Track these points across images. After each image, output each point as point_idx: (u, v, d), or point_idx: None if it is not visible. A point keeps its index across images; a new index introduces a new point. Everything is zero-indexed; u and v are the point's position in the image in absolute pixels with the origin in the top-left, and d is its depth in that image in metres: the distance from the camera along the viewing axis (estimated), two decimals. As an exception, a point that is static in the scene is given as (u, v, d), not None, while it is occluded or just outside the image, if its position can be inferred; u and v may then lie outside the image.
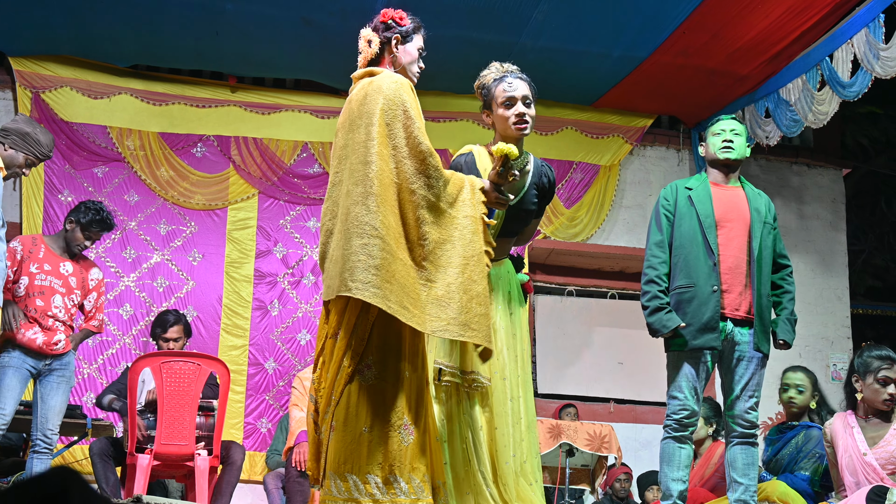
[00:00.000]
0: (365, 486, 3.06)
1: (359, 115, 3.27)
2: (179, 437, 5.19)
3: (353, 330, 3.13)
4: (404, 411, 3.12)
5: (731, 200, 4.28)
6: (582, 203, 8.31)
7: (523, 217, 3.77)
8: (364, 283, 3.00)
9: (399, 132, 3.20)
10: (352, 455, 3.08)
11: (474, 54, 7.40)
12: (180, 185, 7.68)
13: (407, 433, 3.11)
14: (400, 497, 3.06)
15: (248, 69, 7.93)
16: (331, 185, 3.33)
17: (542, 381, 8.18)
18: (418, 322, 3.07)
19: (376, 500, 3.04)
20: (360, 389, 3.11)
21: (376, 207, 3.09)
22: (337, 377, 3.14)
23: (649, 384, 8.05)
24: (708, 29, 6.72)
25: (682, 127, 8.66)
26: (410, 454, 3.10)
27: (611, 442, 6.35)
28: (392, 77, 3.30)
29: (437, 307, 3.12)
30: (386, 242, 3.06)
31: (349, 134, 3.29)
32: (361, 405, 3.10)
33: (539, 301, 8.37)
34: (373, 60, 3.42)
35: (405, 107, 3.23)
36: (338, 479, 3.07)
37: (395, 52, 3.43)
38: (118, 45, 7.43)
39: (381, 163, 3.15)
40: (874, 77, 5.94)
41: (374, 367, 3.12)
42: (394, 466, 3.07)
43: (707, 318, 4.11)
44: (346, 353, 3.13)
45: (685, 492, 4.16)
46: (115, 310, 7.44)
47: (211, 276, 7.64)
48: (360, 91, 3.33)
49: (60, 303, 5.17)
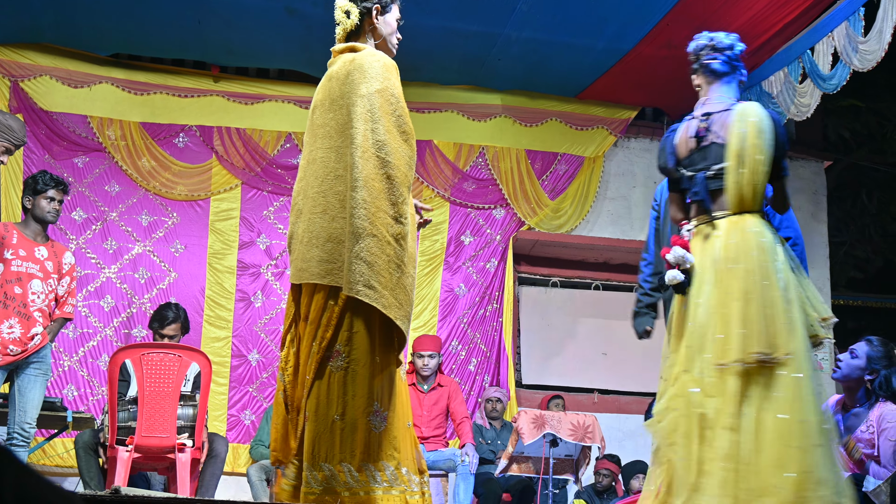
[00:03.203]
0: (339, 476, 3.03)
1: (340, 94, 3.22)
2: (160, 429, 5.16)
3: (321, 313, 3.11)
4: (375, 397, 3.09)
5: None
6: (566, 194, 8.31)
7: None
8: (363, 284, 3.00)
9: (385, 113, 3.16)
10: (325, 444, 3.05)
11: (459, 45, 7.42)
12: (162, 175, 7.62)
13: (379, 420, 3.09)
14: (373, 485, 3.03)
15: (232, 59, 7.88)
16: (305, 162, 3.28)
17: (526, 372, 8.20)
18: (385, 304, 3.04)
19: (351, 490, 3.01)
20: (331, 377, 3.08)
21: (365, 194, 3.07)
22: (308, 360, 3.12)
23: (633, 375, 8.09)
24: (691, 21, 6.71)
25: (666, 119, 8.66)
26: (383, 441, 3.08)
27: (594, 432, 6.35)
28: (376, 56, 3.24)
29: (404, 294, 3.10)
30: (376, 237, 3.04)
31: (328, 113, 3.24)
32: (332, 393, 3.07)
33: (523, 292, 8.38)
34: (352, 32, 3.36)
35: (391, 89, 3.19)
36: (314, 469, 3.05)
37: (375, 22, 3.36)
38: (99, 33, 7.36)
39: (365, 143, 3.11)
40: (853, 70, 5.96)
41: (344, 353, 3.09)
42: (366, 454, 3.05)
43: None
44: (315, 336, 3.11)
45: None
46: (96, 301, 7.40)
47: (193, 268, 7.60)
48: (341, 68, 3.27)
49: (39, 288, 5.14)
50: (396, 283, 3.06)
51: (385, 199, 3.09)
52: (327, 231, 3.14)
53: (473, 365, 7.91)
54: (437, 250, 8.01)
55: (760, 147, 3.42)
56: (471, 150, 8.19)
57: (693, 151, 3.56)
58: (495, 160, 8.19)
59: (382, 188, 3.09)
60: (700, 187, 3.49)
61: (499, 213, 8.19)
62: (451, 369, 7.82)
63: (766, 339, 3.25)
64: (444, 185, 8.06)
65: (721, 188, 3.47)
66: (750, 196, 3.44)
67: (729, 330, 3.30)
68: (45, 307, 5.19)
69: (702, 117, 3.60)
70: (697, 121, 3.60)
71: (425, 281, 7.95)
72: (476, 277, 8.04)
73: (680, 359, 3.41)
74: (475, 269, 8.06)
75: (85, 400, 7.18)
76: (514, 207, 8.14)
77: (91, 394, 7.22)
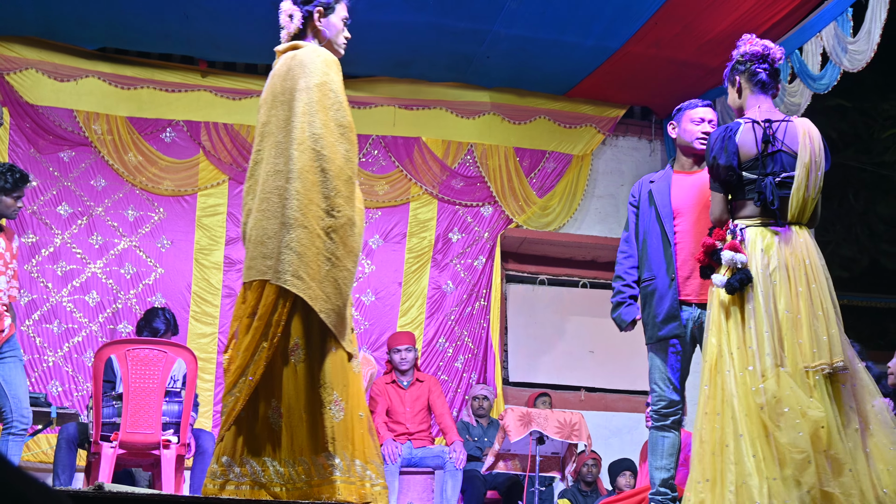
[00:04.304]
0: (305, 468, 3.05)
1: (281, 90, 3.23)
2: (145, 426, 5.14)
3: (272, 310, 3.11)
4: (334, 387, 3.10)
5: (692, 186, 4.30)
6: (554, 192, 8.31)
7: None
8: (291, 274, 3.03)
9: (322, 107, 3.16)
10: (294, 439, 3.07)
11: (447, 42, 7.40)
12: (149, 170, 7.58)
13: (338, 409, 3.10)
14: (336, 474, 3.05)
15: (219, 54, 7.85)
16: (252, 163, 3.30)
17: (513, 370, 8.20)
18: (311, 296, 3.04)
19: (312, 484, 3.03)
20: (294, 371, 3.10)
21: (299, 186, 3.07)
22: (254, 357, 3.12)
23: (620, 372, 8.10)
24: (679, 20, 6.73)
25: (654, 118, 8.68)
26: (343, 431, 3.10)
27: (581, 430, 6.36)
28: (316, 51, 3.25)
29: (333, 287, 3.09)
30: (307, 228, 3.05)
31: (271, 110, 3.25)
32: (299, 387, 3.10)
33: (511, 290, 8.38)
34: (297, 35, 3.37)
35: (330, 84, 3.19)
36: (295, 465, 3.06)
37: (317, 25, 3.38)
38: (86, 27, 7.31)
39: (302, 136, 3.12)
40: (842, 70, 5.97)
41: (302, 346, 3.11)
42: (328, 444, 3.06)
43: (667, 307, 4.18)
44: (266, 334, 3.11)
45: (670, 479, 4.21)
46: (82, 297, 7.35)
47: (180, 263, 7.57)
48: (282, 65, 3.29)
49: (4, 284, 5.06)
50: (325, 275, 3.07)
51: (318, 191, 3.10)
52: (274, 229, 3.16)
53: (460, 362, 7.90)
54: (425, 247, 8.00)
55: (822, 164, 3.63)
56: (459, 148, 8.18)
57: (761, 156, 3.64)
58: (483, 158, 8.18)
59: (316, 181, 3.10)
60: (768, 191, 3.59)
61: (487, 211, 8.18)
62: (438, 366, 7.82)
63: (839, 346, 3.46)
64: (433, 183, 8.05)
65: (787, 196, 3.61)
66: (811, 208, 3.64)
67: (813, 335, 3.46)
68: (7, 301, 5.09)
69: (765, 123, 3.67)
70: (761, 126, 3.65)
71: (413, 278, 7.94)
72: (464, 275, 8.03)
73: (769, 351, 3.48)
74: (463, 266, 8.05)
75: (69, 396, 7.14)
76: (502, 205, 8.14)
77: (76, 389, 7.18)
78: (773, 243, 3.58)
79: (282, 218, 3.10)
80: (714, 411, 3.51)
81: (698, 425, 3.60)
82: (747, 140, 3.67)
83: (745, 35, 3.91)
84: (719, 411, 3.49)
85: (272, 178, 3.17)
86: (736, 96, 3.85)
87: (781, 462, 3.32)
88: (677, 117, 4.43)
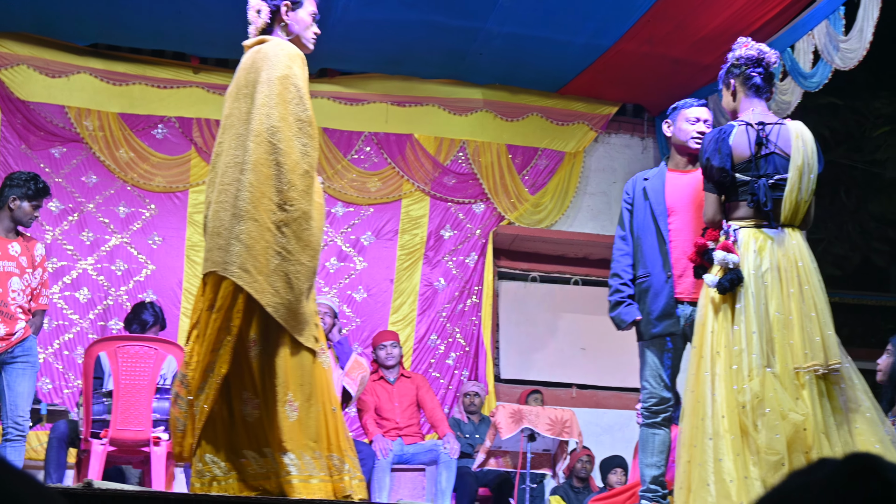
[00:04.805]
0: (263, 461, 3.06)
1: (244, 83, 3.24)
2: (135, 423, 5.13)
3: (230, 303, 3.11)
4: (288, 386, 3.10)
5: (687, 185, 4.30)
6: (546, 189, 8.31)
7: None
8: (239, 266, 3.03)
9: (282, 100, 3.16)
10: (250, 435, 3.07)
11: (440, 39, 7.40)
12: (140, 166, 7.56)
13: (291, 409, 3.10)
14: (293, 472, 3.05)
15: (212, 50, 7.82)
16: (214, 155, 3.31)
17: (505, 367, 8.20)
18: (257, 289, 3.04)
19: (275, 479, 3.04)
20: (249, 367, 3.10)
21: (252, 178, 3.06)
22: (219, 352, 3.11)
23: (611, 370, 8.10)
24: (672, 18, 6.73)
25: (647, 115, 8.68)
26: (297, 430, 3.09)
27: (572, 427, 6.36)
28: (281, 45, 3.26)
29: (283, 282, 3.09)
30: (257, 221, 3.05)
31: (234, 103, 3.26)
32: (256, 383, 3.10)
33: (503, 287, 8.38)
34: (264, 30, 3.38)
35: (292, 77, 3.19)
36: (260, 457, 3.06)
37: (285, 19, 3.38)
38: (78, 23, 7.28)
39: (259, 128, 3.12)
40: (834, 69, 5.98)
41: (259, 341, 3.10)
42: (283, 442, 3.07)
43: (663, 305, 4.19)
44: (224, 326, 3.10)
45: (660, 476, 4.22)
46: (72, 293, 7.33)
47: (171, 260, 7.55)
48: (248, 59, 3.30)
49: (18, 285, 5.08)
50: (274, 269, 3.07)
51: (271, 185, 3.10)
52: (229, 221, 3.17)
53: (452, 359, 7.90)
54: (417, 244, 8.00)
55: (815, 166, 3.66)
56: (451, 145, 8.18)
57: (754, 158, 3.66)
58: (476, 154, 8.17)
59: (270, 174, 3.10)
60: (761, 193, 3.61)
61: (479, 208, 8.18)
62: (430, 363, 7.82)
63: (835, 348, 3.50)
64: (425, 180, 8.05)
65: (780, 198, 3.63)
66: (804, 210, 3.67)
67: (805, 336, 3.48)
68: (24, 304, 5.13)
69: (758, 126, 3.70)
70: (755, 129, 3.66)
71: (405, 275, 7.93)
72: (455, 272, 8.03)
73: (756, 352, 3.49)
74: (455, 263, 8.05)
75: (59, 393, 7.12)
76: (494, 202, 8.13)
77: (66, 386, 7.16)
78: (766, 245, 3.60)
79: (234, 209, 3.09)
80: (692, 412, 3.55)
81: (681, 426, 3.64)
82: (741, 142, 3.69)
83: (741, 38, 3.94)
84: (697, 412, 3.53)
85: (231, 170, 3.17)
86: (730, 99, 3.88)
87: (757, 462, 3.35)
88: (672, 116, 4.43)
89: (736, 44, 3.91)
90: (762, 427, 3.36)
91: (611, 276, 4.43)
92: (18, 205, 5.11)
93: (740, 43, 3.89)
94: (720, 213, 3.75)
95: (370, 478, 6.00)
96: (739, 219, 3.69)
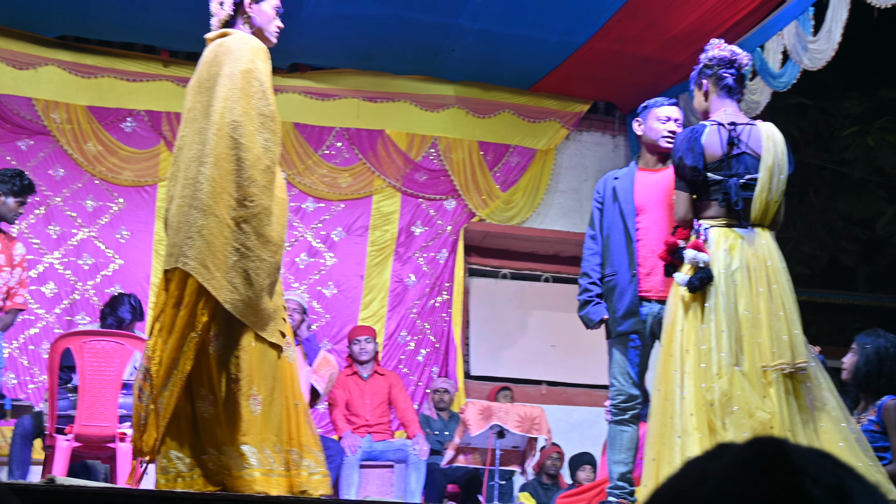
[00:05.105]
0: (220, 458, 3.05)
1: (206, 77, 3.22)
2: (101, 418, 5.07)
3: (196, 299, 3.09)
4: (252, 380, 3.09)
5: (657, 184, 4.33)
6: (518, 186, 8.32)
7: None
8: (198, 262, 3.02)
9: (245, 94, 3.14)
10: (209, 432, 3.06)
11: (412, 35, 7.37)
12: (108, 160, 7.48)
13: (255, 402, 3.09)
14: (254, 465, 3.04)
15: (182, 43, 7.75)
16: (176, 149, 3.29)
17: (475, 364, 8.20)
18: (215, 286, 3.03)
19: (233, 474, 3.03)
20: (212, 361, 3.09)
21: (214, 172, 3.04)
22: (184, 348, 3.09)
23: (581, 367, 8.13)
24: (643, 16, 6.76)
25: (618, 113, 8.71)
26: (260, 424, 3.08)
27: (541, 424, 6.38)
28: (244, 38, 3.24)
29: (241, 278, 3.08)
30: (216, 217, 3.04)
31: (196, 97, 3.24)
32: (216, 377, 3.09)
33: (473, 283, 8.38)
34: (227, 22, 3.36)
35: (255, 72, 3.18)
36: (221, 454, 3.05)
37: (248, 11, 3.36)
38: (46, 14, 7.19)
39: (221, 121, 3.10)
40: (802, 69, 6.03)
41: (221, 336, 3.09)
42: (245, 435, 3.06)
43: (628, 303, 4.22)
44: (190, 323, 3.09)
45: (628, 473, 4.24)
46: (38, 287, 7.25)
47: (139, 254, 7.48)
48: (210, 52, 3.28)
49: None
50: (233, 265, 3.06)
51: (232, 180, 3.08)
52: (191, 215, 3.15)
53: (422, 356, 7.90)
54: (388, 240, 7.98)
55: (785, 167, 3.69)
56: (423, 141, 8.16)
57: (726, 157, 3.69)
58: (447, 151, 8.17)
59: (231, 169, 3.08)
60: (732, 192, 3.63)
61: (450, 204, 8.17)
62: (400, 359, 7.81)
63: (802, 347, 3.52)
64: (396, 176, 8.03)
65: (750, 197, 3.66)
66: (773, 210, 3.68)
67: (773, 335, 3.50)
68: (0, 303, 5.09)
69: (730, 126, 3.72)
70: (727, 129, 3.68)
71: (375, 271, 7.92)
72: (426, 268, 8.02)
73: (725, 350, 3.51)
74: (425, 259, 8.04)
75: (24, 388, 7.04)
76: (466, 199, 8.13)
77: (31, 382, 7.08)
78: (737, 244, 3.62)
79: (194, 203, 3.08)
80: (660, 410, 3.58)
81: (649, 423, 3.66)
82: (713, 142, 3.71)
83: (714, 39, 3.97)
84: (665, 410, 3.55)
85: (194, 165, 3.15)
86: (702, 99, 3.91)
87: None
88: (643, 115, 4.45)
89: (709, 45, 3.94)
90: (730, 425, 3.38)
91: (580, 274, 4.47)
92: (3, 201, 5.09)
93: (713, 44, 3.92)
94: (691, 212, 3.77)
95: (338, 474, 5.98)
96: (710, 218, 3.71)
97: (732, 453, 0.78)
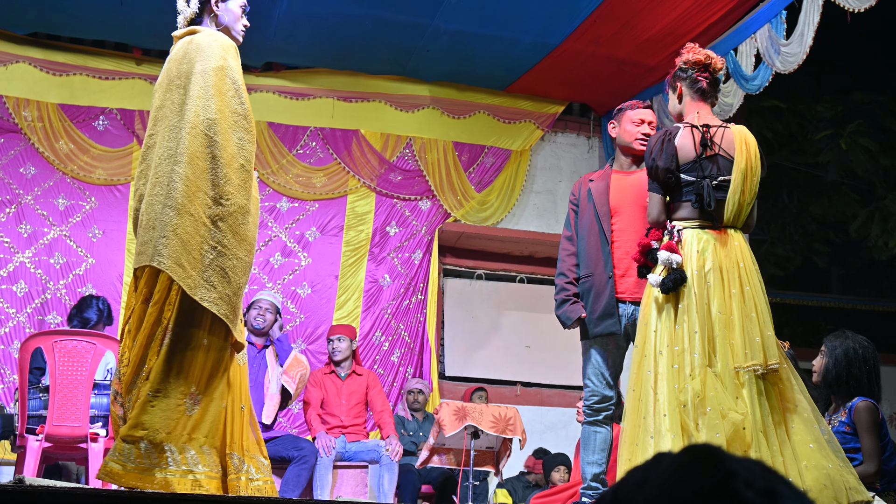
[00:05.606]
0: (139, 451, 3.03)
1: (177, 74, 3.20)
2: (72, 419, 5.03)
3: (165, 296, 3.08)
4: (194, 380, 3.08)
5: (631, 186, 4.35)
6: (493, 187, 8.33)
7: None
8: (173, 261, 3.01)
9: (218, 92, 3.13)
10: (141, 420, 3.04)
11: (387, 35, 7.36)
12: (81, 158, 7.42)
13: (192, 403, 3.07)
14: (171, 467, 3.01)
15: (155, 41, 7.68)
16: (145, 147, 3.27)
17: (450, 365, 8.20)
18: (191, 285, 3.01)
19: (144, 469, 3.00)
20: (159, 356, 3.08)
21: (189, 171, 3.03)
22: (151, 345, 3.08)
23: (556, 368, 8.15)
24: (618, 19, 6.78)
25: (593, 115, 8.74)
26: (192, 424, 3.06)
27: (515, 424, 6.38)
28: (214, 36, 3.23)
29: (219, 276, 3.06)
30: (192, 216, 3.02)
31: (166, 94, 3.22)
32: (158, 371, 3.07)
33: (448, 284, 8.38)
34: (193, 20, 3.35)
35: (227, 69, 3.16)
36: (126, 444, 3.02)
37: (215, 10, 3.35)
38: (16, 10, 7.11)
39: (195, 119, 3.09)
40: (775, 71, 6.08)
41: (172, 332, 3.08)
42: (171, 434, 3.04)
43: (604, 304, 4.23)
44: (158, 319, 3.07)
45: (601, 474, 4.26)
46: (9, 286, 7.17)
47: (112, 253, 7.42)
48: (179, 49, 3.27)
49: None
50: (209, 264, 3.05)
51: (207, 178, 3.07)
52: (163, 213, 3.14)
53: (397, 356, 7.88)
54: (362, 241, 7.96)
55: (758, 170, 3.72)
56: (398, 141, 8.15)
57: (698, 159, 3.72)
58: (422, 151, 8.16)
59: (206, 167, 3.07)
60: (705, 193, 3.67)
61: (425, 205, 8.17)
62: (375, 360, 7.79)
63: (774, 348, 3.54)
64: (371, 176, 8.01)
65: (723, 199, 3.69)
66: (746, 212, 3.72)
67: (745, 336, 3.52)
68: None
69: (703, 127, 3.75)
70: (700, 130, 3.71)
71: (350, 271, 7.89)
72: (401, 269, 8.01)
73: (698, 351, 3.53)
74: (400, 260, 8.02)
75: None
76: (441, 199, 8.13)
77: (2, 381, 7.00)
78: (710, 245, 3.65)
79: (168, 202, 3.05)
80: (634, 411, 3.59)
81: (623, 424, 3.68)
82: (686, 143, 3.74)
83: (689, 44, 3.99)
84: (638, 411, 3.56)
85: (165, 163, 3.13)
86: (676, 102, 3.94)
87: None
88: (618, 117, 4.48)
89: (684, 49, 3.96)
90: (703, 426, 3.40)
91: (557, 275, 4.49)
92: None
93: (688, 48, 3.95)
94: (664, 214, 3.78)
95: (312, 474, 5.95)
96: (683, 219, 3.73)
97: (669, 460, 0.84)
